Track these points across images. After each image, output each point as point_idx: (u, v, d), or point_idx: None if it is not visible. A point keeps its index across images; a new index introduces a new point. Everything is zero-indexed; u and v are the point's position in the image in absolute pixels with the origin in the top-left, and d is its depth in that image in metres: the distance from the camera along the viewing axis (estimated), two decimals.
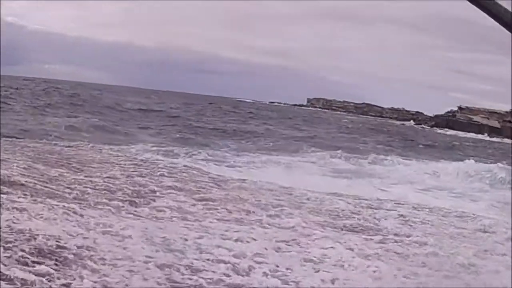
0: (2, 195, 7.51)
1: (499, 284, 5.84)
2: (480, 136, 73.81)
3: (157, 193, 9.83)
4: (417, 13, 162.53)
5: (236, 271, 5.96)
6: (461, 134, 73.89)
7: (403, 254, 7.39)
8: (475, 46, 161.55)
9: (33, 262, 5.40)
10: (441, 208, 11.90)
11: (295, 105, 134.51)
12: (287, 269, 6.23)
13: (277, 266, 6.27)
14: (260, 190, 11.17)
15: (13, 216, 6.58)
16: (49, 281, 5.10)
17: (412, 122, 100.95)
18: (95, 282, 5.25)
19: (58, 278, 5.17)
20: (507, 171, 19.80)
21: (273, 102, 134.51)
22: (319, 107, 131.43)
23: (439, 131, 79.63)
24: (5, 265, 5.16)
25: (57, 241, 6.03)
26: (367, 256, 7.02)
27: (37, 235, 6.05)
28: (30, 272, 5.17)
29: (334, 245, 7.26)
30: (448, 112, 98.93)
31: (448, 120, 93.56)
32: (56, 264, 5.48)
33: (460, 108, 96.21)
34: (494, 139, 71.89)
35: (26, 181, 8.91)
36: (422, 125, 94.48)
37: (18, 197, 7.66)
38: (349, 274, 6.23)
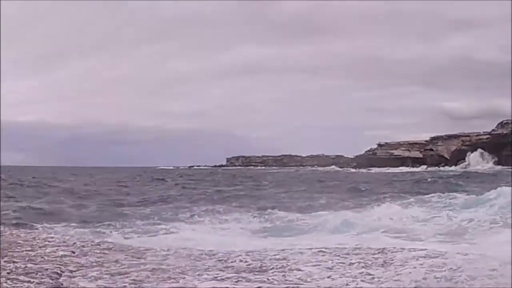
0: None
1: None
2: (405, 169, 73.21)
3: None
4: (322, 58, 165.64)
5: None
6: (384, 170, 73.68)
7: None
8: (384, 82, 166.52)
9: None
10: None
11: (215, 166, 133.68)
12: None
13: None
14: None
15: None
16: None
17: (334, 166, 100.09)
18: None
19: None
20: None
21: (192, 166, 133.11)
22: (239, 165, 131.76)
23: (362, 170, 78.28)
24: None
25: None
26: None
27: None
28: None
29: None
30: (368, 151, 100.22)
31: (369, 159, 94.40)
32: None
33: (379, 145, 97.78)
34: (418, 169, 71.72)
35: None
36: (345, 168, 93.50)
37: None
38: None
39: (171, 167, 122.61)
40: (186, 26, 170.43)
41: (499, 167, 60.94)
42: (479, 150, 70.83)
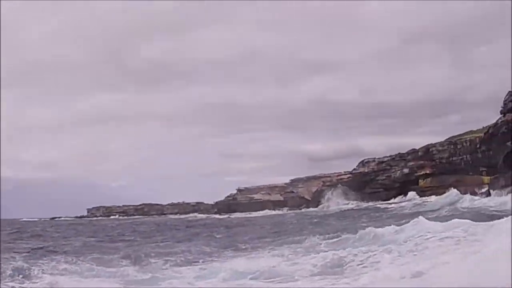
0: None
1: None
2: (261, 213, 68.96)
3: None
4: (176, 105, 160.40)
5: None
6: (242, 215, 70.14)
7: None
8: (240, 127, 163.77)
9: None
10: None
11: (76, 217, 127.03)
12: None
13: None
14: None
15: None
16: None
17: (196, 214, 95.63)
18: None
19: None
20: None
21: (54, 218, 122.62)
22: (100, 216, 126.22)
23: (219, 217, 72.98)
24: None
25: None
26: None
27: None
28: None
29: None
30: (228, 196, 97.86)
31: (229, 204, 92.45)
32: None
33: (239, 190, 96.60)
34: (278, 211, 69.21)
35: None
36: (206, 214, 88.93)
37: None
38: None
39: (35, 219, 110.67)
40: (41, 71, 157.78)
41: (364, 203, 58.64)
42: (340, 188, 68.60)
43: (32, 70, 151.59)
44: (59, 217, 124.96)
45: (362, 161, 71.24)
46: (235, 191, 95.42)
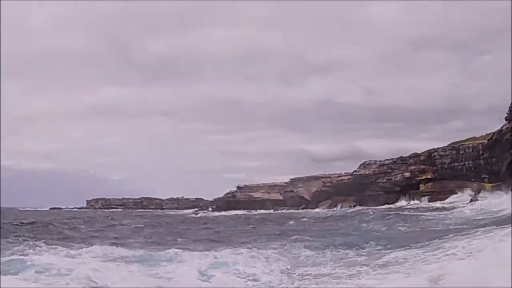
0: None
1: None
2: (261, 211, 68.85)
3: None
4: (179, 101, 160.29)
5: None
6: (240, 212, 69.55)
7: None
8: (242, 125, 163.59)
9: None
10: None
11: (75, 208, 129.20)
12: None
13: None
14: None
15: None
16: None
17: (197, 210, 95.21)
18: None
19: None
20: None
21: (54, 208, 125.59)
22: (99, 208, 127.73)
23: (216, 214, 72.79)
24: None
25: None
26: None
27: None
28: None
29: None
30: (227, 193, 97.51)
31: (229, 201, 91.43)
32: None
33: (239, 187, 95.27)
34: (278, 211, 68.22)
35: None
36: (205, 210, 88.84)
37: None
38: None
39: (31, 208, 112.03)
40: (47, 62, 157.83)
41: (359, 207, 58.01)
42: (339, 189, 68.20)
43: (37, 61, 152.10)
44: (59, 208, 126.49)
45: (363, 163, 70.67)
46: (234, 189, 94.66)
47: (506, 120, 44.04)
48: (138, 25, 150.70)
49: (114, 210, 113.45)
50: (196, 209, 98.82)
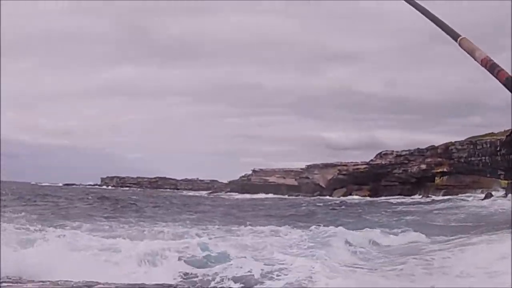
0: None
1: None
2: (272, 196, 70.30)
3: None
4: (197, 82, 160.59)
5: None
6: (255, 196, 70.86)
7: None
8: (259, 109, 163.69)
9: None
10: None
11: (89, 185, 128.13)
12: None
13: None
14: None
15: None
16: None
17: (210, 192, 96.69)
18: None
19: None
20: None
21: (69, 184, 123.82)
22: (113, 186, 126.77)
23: (237, 196, 73.94)
24: None
25: None
26: None
27: None
28: None
29: None
30: (242, 176, 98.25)
31: (243, 185, 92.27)
32: None
33: (254, 171, 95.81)
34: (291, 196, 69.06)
35: None
36: (218, 193, 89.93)
37: None
38: None
39: (46, 184, 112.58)
40: (62, 41, 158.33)
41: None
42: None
43: (56, 39, 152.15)
44: (72, 184, 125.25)
45: (380, 153, 70.90)
46: (250, 172, 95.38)
47: None
48: (158, 7, 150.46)
49: (128, 188, 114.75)
50: (210, 191, 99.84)
